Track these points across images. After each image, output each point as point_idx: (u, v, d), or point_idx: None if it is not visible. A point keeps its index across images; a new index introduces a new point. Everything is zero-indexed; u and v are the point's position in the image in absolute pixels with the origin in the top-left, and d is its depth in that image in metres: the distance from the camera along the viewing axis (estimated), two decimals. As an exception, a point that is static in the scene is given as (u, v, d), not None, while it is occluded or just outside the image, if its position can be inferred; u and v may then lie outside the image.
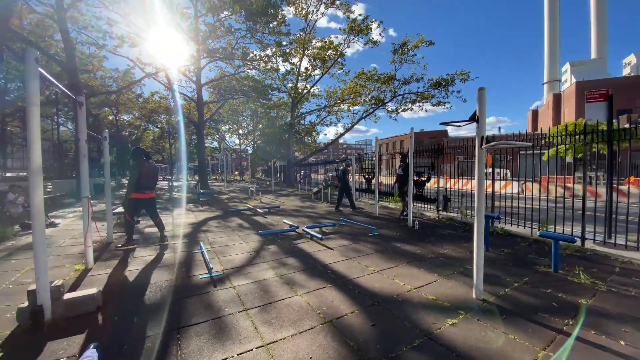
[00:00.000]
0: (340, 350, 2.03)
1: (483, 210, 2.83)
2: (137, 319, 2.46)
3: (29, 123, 2.25)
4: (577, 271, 3.44)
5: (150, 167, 4.71)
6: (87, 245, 3.62)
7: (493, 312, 2.59)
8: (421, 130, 52.58)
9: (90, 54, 16.11)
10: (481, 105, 2.78)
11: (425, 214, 8.02)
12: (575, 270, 3.49)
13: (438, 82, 17.14)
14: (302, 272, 3.57)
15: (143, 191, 4.62)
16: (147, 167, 4.66)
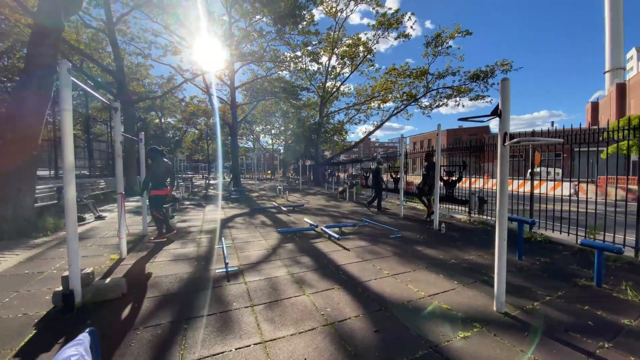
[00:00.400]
0: (336, 355, 1.98)
1: (506, 214, 2.58)
2: (153, 307, 2.64)
3: (63, 126, 2.53)
4: (625, 286, 2.98)
5: (165, 166, 5.04)
6: (121, 237, 3.99)
7: (514, 327, 2.35)
8: (460, 126, 49.66)
9: (138, 63, 17.72)
10: (504, 98, 2.53)
11: (455, 216, 7.54)
12: (622, 286, 3.02)
13: (476, 74, 15.92)
14: (314, 272, 3.56)
15: (162, 188, 4.96)
16: (163, 166, 4.99)
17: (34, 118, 5.35)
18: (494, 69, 15.40)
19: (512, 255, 4.19)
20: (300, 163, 20.96)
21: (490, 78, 15.75)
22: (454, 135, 44.42)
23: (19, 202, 5.27)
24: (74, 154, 2.63)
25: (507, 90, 2.53)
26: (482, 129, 44.76)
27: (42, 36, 5.43)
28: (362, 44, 17.43)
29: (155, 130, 27.25)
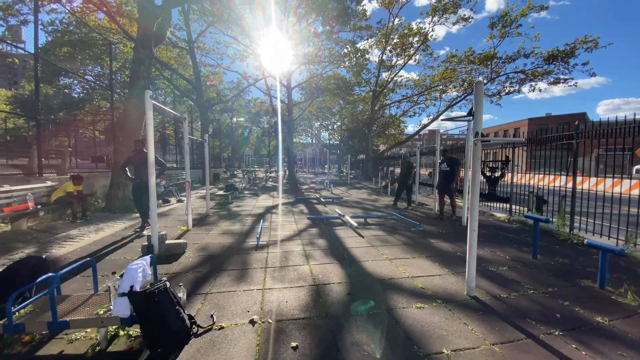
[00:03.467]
0: (309, 302, 2.67)
1: (477, 206, 2.81)
2: (199, 262, 3.75)
3: (148, 135, 3.78)
4: (624, 289, 2.82)
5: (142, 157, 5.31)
6: (187, 214, 5.37)
7: (474, 307, 2.64)
8: (547, 114, 42.59)
9: (213, 72, 20.73)
10: (478, 101, 2.76)
11: (495, 214, 7.15)
12: (622, 289, 2.87)
13: (552, 55, 13.71)
14: (323, 250, 4.25)
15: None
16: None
17: (135, 124, 7.31)
18: (574, 48, 13.06)
19: (527, 254, 4.12)
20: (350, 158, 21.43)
21: (571, 58, 13.41)
22: (538, 124, 38.30)
23: (126, 187, 7.30)
24: (154, 155, 3.88)
25: (480, 93, 2.75)
26: (576, 117, 37.35)
27: (140, 63, 7.32)
28: (415, 34, 16.75)
29: (227, 129, 31.28)
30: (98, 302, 2.19)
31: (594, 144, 4.88)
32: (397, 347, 2.04)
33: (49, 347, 2.04)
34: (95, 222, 5.89)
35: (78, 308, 2.11)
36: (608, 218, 4.82)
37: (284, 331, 2.22)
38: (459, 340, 2.13)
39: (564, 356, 1.98)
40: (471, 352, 2.01)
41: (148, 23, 6.99)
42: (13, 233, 4.91)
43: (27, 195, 5.19)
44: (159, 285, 2.06)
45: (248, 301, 2.70)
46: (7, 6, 11.94)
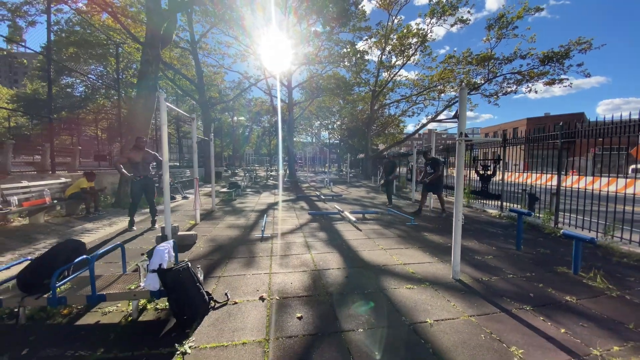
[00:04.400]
0: (311, 283, 3.00)
1: (461, 199, 3.14)
2: (210, 250, 4.07)
3: (162, 136, 4.10)
4: (594, 274, 3.16)
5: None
6: (196, 209, 5.69)
7: (457, 288, 2.97)
8: (546, 114, 43.04)
9: (214, 72, 21.02)
10: (462, 105, 3.08)
11: (488, 210, 7.48)
12: (591, 274, 3.20)
13: (547, 56, 14.02)
14: (323, 242, 4.58)
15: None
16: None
17: (143, 124, 7.62)
18: (569, 49, 13.37)
19: (511, 245, 4.45)
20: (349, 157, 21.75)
21: (565, 59, 13.72)
22: (536, 124, 38.65)
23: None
24: (168, 154, 4.20)
25: (464, 98, 3.07)
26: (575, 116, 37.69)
27: (148, 64, 7.62)
28: (414, 35, 17.04)
29: (227, 129, 31.60)
30: (127, 280, 2.52)
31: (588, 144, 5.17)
32: (388, 318, 2.37)
33: (85, 318, 2.37)
34: (107, 216, 6.22)
35: (111, 285, 2.43)
36: (594, 214, 5.14)
37: (289, 305, 2.55)
38: (441, 313, 2.46)
39: (531, 325, 2.31)
40: (451, 322, 2.33)
41: (156, 26, 7.30)
42: (32, 226, 5.23)
43: (44, 191, 5.51)
44: (182, 264, 2.38)
45: (257, 283, 3.02)
46: (15, 8, 12.22)
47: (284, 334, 2.13)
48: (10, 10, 12.47)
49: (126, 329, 2.19)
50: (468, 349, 2.00)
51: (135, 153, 5.27)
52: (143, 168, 5.32)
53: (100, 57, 19.02)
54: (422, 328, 2.24)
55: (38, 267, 2.26)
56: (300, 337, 2.10)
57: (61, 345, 2.00)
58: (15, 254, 3.86)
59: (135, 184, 5.29)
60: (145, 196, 5.49)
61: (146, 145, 5.46)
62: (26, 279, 2.23)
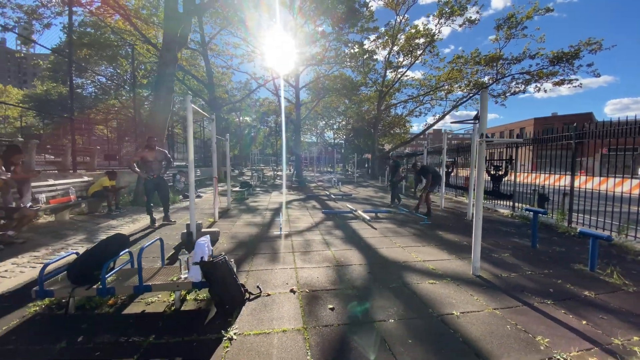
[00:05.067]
0: (336, 278, 3.13)
1: (482, 198, 3.25)
2: (235, 247, 4.22)
3: (188, 136, 4.26)
4: (610, 270, 3.24)
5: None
6: (215, 207, 5.86)
7: (478, 283, 3.07)
8: (554, 114, 42.66)
9: (223, 72, 21.26)
10: (483, 107, 3.18)
11: (499, 210, 7.55)
12: (608, 270, 3.28)
13: (557, 56, 14.00)
14: (341, 239, 4.71)
15: None
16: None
17: (160, 124, 7.81)
18: (579, 50, 13.34)
19: (526, 244, 4.54)
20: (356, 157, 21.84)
21: (575, 59, 13.69)
22: (543, 124, 38.34)
23: (153, 182, 7.80)
24: (193, 154, 4.36)
25: (485, 100, 3.18)
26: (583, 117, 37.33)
27: (165, 66, 7.82)
28: (422, 35, 17.09)
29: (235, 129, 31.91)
30: (167, 273, 2.67)
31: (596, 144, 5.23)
32: (416, 310, 2.49)
33: (131, 307, 2.52)
34: (128, 214, 6.41)
35: (154, 276, 2.59)
36: (607, 215, 5.20)
37: (320, 297, 2.68)
38: (466, 306, 2.58)
39: (554, 317, 2.41)
40: (476, 314, 2.45)
41: (172, 29, 7.49)
42: (58, 223, 5.43)
43: (70, 189, 5.71)
44: (220, 257, 2.53)
45: (285, 276, 3.16)
46: (32, 10, 12.54)
47: (320, 323, 2.26)
48: (27, 12, 12.79)
49: (172, 318, 2.34)
50: (496, 338, 2.11)
51: (147, 152, 5.38)
52: (155, 167, 5.45)
53: (110, 59, 19.38)
54: (449, 319, 2.36)
55: (89, 260, 2.42)
56: (335, 326, 2.23)
57: (114, 332, 2.16)
58: (49, 249, 4.04)
59: (148, 183, 5.41)
60: (159, 194, 5.58)
61: (157, 145, 5.59)
62: (77, 271, 2.39)
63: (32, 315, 2.37)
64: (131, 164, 5.37)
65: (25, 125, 29.68)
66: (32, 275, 3.15)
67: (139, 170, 5.34)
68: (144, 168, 5.37)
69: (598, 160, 16.98)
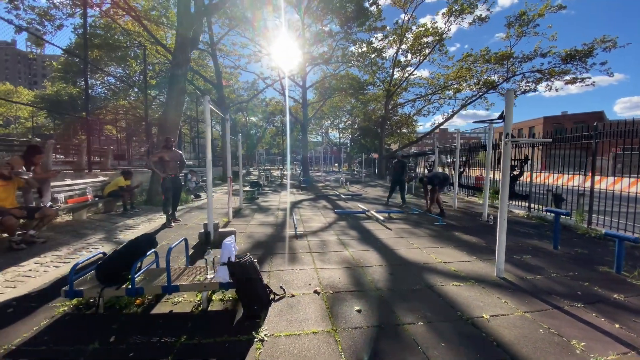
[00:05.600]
0: (358, 279, 3.11)
1: (507, 199, 3.19)
2: (252, 246, 4.23)
3: (206, 135, 4.28)
4: (638, 273, 3.16)
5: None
6: (229, 207, 5.88)
7: (504, 286, 3.03)
8: (563, 112, 41.92)
9: (230, 73, 21.36)
10: (508, 106, 3.13)
11: (514, 211, 7.44)
12: (636, 273, 3.20)
13: (570, 55, 13.74)
14: (357, 240, 4.68)
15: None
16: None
17: (172, 124, 7.86)
18: (592, 48, 13.07)
19: (547, 245, 4.46)
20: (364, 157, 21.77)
21: (588, 57, 13.43)
22: (553, 123, 37.73)
23: (166, 182, 7.87)
24: (211, 153, 4.37)
25: (511, 99, 3.12)
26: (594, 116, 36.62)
27: (178, 67, 7.87)
28: (431, 34, 16.93)
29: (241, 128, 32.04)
30: (193, 273, 2.68)
31: (612, 144, 5.12)
32: (443, 313, 2.46)
33: (159, 307, 2.53)
34: (143, 213, 6.48)
35: (180, 277, 2.60)
36: (624, 215, 5.09)
37: (345, 299, 2.67)
38: (495, 309, 2.53)
39: (586, 321, 2.36)
40: (506, 317, 2.41)
41: (185, 29, 7.53)
42: (76, 222, 5.50)
43: (87, 189, 5.79)
44: (246, 258, 2.53)
45: (306, 277, 3.15)
46: (44, 12, 12.73)
47: (348, 325, 2.24)
48: (39, 14, 12.98)
49: (200, 318, 2.35)
50: (530, 342, 2.07)
51: (165, 153, 5.48)
52: (173, 167, 5.53)
53: (119, 60, 19.61)
54: (480, 322, 2.32)
55: (118, 260, 2.44)
56: (365, 328, 2.22)
57: (145, 332, 2.17)
58: (70, 248, 4.10)
59: (166, 182, 5.48)
60: (172, 193, 5.63)
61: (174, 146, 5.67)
62: (106, 271, 2.41)
63: (61, 315, 2.39)
64: (151, 163, 5.47)
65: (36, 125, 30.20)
66: (56, 274, 3.19)
67: (158, 170, 5.40)
68: (161, 168, 5.43)
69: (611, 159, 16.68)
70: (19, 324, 2.24)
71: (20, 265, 3.35)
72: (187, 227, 5.48)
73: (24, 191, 4.47)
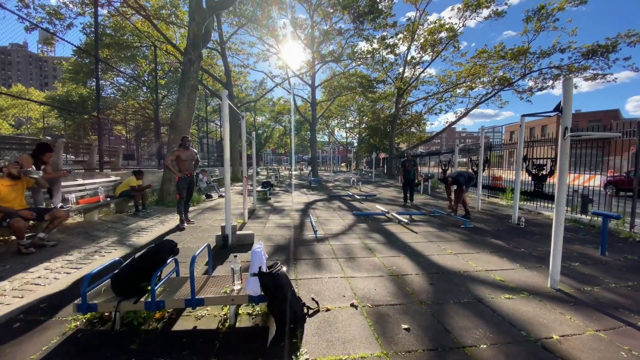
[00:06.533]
0: (397, 291, 2.80)
1: (564, 201, 2.85)
2: (272, 251, 3.95)
3: (223, 132, 4.01)
4: None
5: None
6: (244, 208, 5.62)
7: (562, 299, 2.68)
8: (577, 111, 40.82)
9: (238, 72, 21.20)
10: (567, 97, 2.78)
11: (543, 212, 7.03)
12: None
13: (592, 50, 13.16)
14: (383, 244, 4.37)
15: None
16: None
17: (185, 123, 7.65)
18: (616, 42, 12.48)
19: (591, 251, 4.08)
20: (374, 156, 21.40)
21: (612, 52, 12.84)
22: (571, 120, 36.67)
23: (177, 182, 7.66)
24: (229, 152, 4.11)
25: (570, 89, 2.78)
26: (609, 114, 35.51)
27: (190, 63, 7.64)
28: (446, 29, 16.46)
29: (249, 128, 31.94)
30: (217, 283, 2.40)
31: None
32: (505, 332, 2.13)
33: (181, 322, 2.26)
34: (155, 214, 6.26)
35: (203, 288, 2.32)
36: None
37: (388, 315, 2.36)
38: (562, 328, 2.20)
39: (678, 346, 2.01)
40: (579, 338, 2.07)
41: (197, 25, 7.30)
42: (88, 223, 5.31)
43: (99, 189, 5.59)
44: (278, 267, 2.24)
45: (338, 287, 2.85)
46: (54, 10, 12.69)
47: (400, 349, 1.94)
48: (50, 13, 12.95)
49: (228, 337, 2.07)
50: (623, 373, 1.74)
51: (182, 152, 5.28)
52: (189, 166, 5.35)
53: (129, 59, 19.61)
54: (551, 345, 1.99)
55: (136, 268, 2.17)
56: (420, 352, 1.91)
57: (169, 353, 1.89)
58: (81, 252, 3.87)
59: (182, 182, 5.29)
60: (187, 193, 5.42)
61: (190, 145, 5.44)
62: (123, 282, 2.15)
63: (73, 332, 2.13)
64: (168, 163, 5.30)
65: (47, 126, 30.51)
66: (67, 281, 2.95)
67: (174, 169, 5.21)
68: (177, 167, 5.24)
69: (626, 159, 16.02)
70: (27, 342, 1.99)
71: (28, 272, 3.13)
72: (201, 229, 5.24)
73: (33, 191, 4.27)
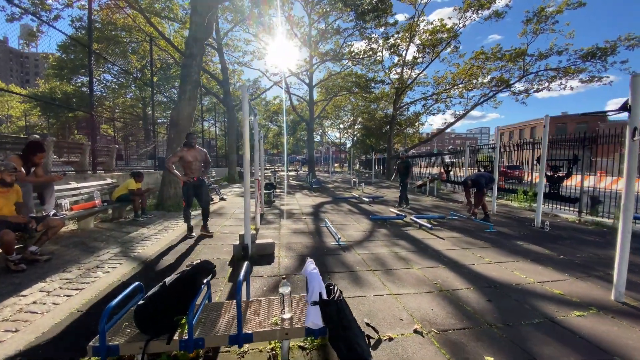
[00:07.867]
0: (456, 311, 2.48)
1: (632, 208, 2.60)
2: (296, 261, 3.57)
3: (244, 131, 3.61)
4: None
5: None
6: (257, 213, 5.21)
7: (634, 314, 2.44)
8: (564, 113, 41.86)
9: (234, 70, 20.61)
10: (636, 95, 2.53)
11: (561, 215, 6.91)
12: None
13: (590, 52, 13.34)
14: (414, 253, 4.06)
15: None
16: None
17: (186, 119, 7.15)
18: (615, 45, 12.67)
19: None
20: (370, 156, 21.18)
21: (610, 55, 13.03)
22: (556, 123, 37.65)
23: (178, 185, 7.15)
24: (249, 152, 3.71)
25: (637, 86, 2.53)
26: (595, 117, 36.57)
27: (192, 57, 7.15)
28: (446, 30, 16.41)
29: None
30: (259, 310, 2.01)
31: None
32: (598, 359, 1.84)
33: None
34: (157, 221, 5.76)
35: (245, 317, 1.93)
36: None
37: (461, 342, 2.03)
38: (663, 356, 1.93)
39: None
40: (690, 370, 1.80)
41: (200, 18, 6.83)
42: (83, 232, 4.79)
43: (94, 193, 5.07)
44: (337, 292, 1.88)
45: (389, 307, 2.51)
46: (40, 1, 11.87)
47: (498, 390, 1.61)
48: (35, 3, 12.10)
49: (285, 380, 1.70)
50: None
51: (186, 152, 4.60)
52: (195, 168, 4.69)
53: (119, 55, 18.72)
54: (666, 380, 1.71)
55: (167, 299, 1.76)
56: (523, 395, 1.58)
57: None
58: (81, 267, 3.39)
59: (187, 187, 4.65)
60: (198, 200, 4.84)
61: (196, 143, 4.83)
62: (152, 316, 1.73)
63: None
64: (169, 165, 4.60)
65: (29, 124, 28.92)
66: (70, 308, 2.47)
67: (177, 172, 4.65)
68: (182, 170, 4.68)
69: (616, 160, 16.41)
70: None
71: (21, 295, 2.64)
72: (213, 238, 4.79)
73: (24, 198, 3.74)
